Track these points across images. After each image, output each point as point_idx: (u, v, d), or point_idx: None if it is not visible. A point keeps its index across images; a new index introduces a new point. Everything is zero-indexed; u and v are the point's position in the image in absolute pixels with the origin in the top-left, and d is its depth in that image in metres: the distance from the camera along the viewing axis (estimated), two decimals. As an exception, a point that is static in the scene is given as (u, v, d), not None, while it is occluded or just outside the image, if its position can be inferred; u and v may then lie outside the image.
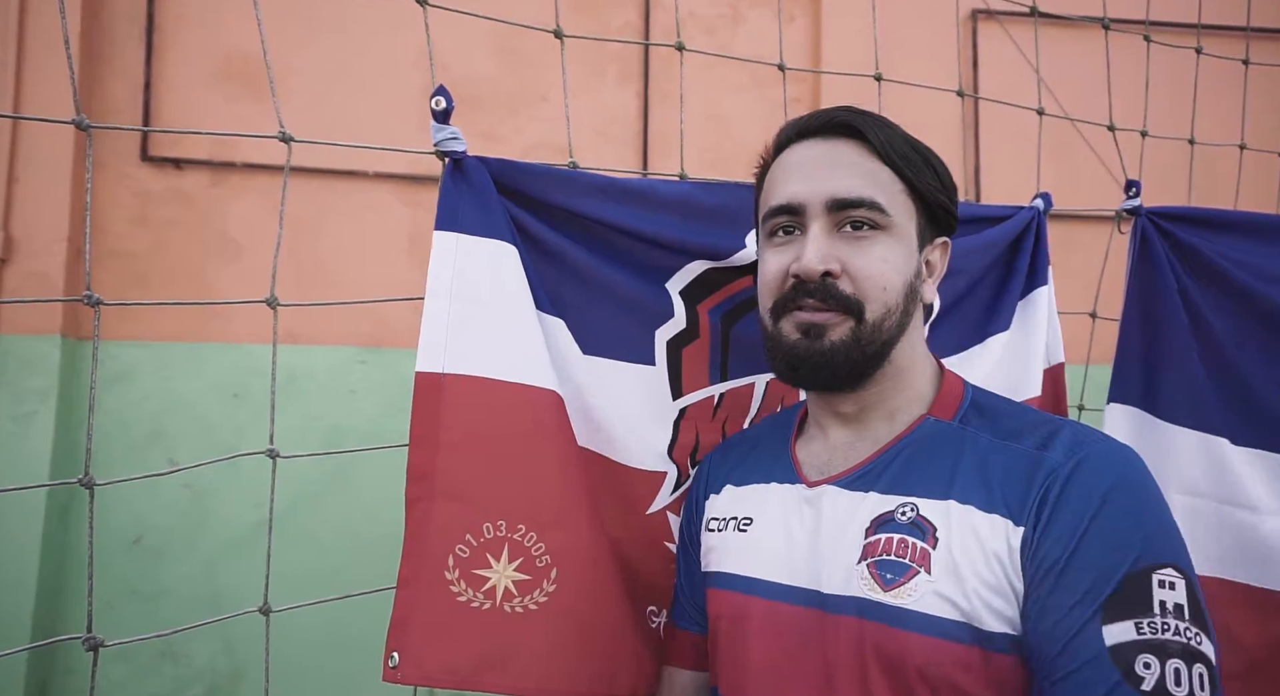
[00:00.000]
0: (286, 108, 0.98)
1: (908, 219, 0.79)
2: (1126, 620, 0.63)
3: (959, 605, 0.68)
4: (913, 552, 0.71)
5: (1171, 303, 1.23)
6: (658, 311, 1.02)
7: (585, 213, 0.97)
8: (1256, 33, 1.69)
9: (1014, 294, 1.19)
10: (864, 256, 0.76)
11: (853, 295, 0.76)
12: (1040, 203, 1.24)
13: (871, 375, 0.79)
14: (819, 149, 0.80)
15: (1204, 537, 1.19)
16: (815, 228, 0.77)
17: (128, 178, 2.35)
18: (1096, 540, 0.66)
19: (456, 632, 0.85)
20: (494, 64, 2.53)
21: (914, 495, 0.74)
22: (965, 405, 0.80)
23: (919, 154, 0.80)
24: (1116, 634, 0.63)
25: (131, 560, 2.23)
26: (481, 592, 0.86)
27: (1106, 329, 1.41)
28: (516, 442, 0.89)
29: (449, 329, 0.89)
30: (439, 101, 0.90)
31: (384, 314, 2.32)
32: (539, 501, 0.89)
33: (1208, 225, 1.27)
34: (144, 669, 2.19)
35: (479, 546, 0.87)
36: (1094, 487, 0.68)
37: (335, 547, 2.24)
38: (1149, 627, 0.63)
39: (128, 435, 2.26)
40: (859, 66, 1.39)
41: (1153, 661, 0.62)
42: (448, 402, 0.88)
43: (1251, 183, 1.69)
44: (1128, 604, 0.64)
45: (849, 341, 0.76)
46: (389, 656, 0.84)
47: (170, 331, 2.33)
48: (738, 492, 0.88)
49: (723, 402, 1.06)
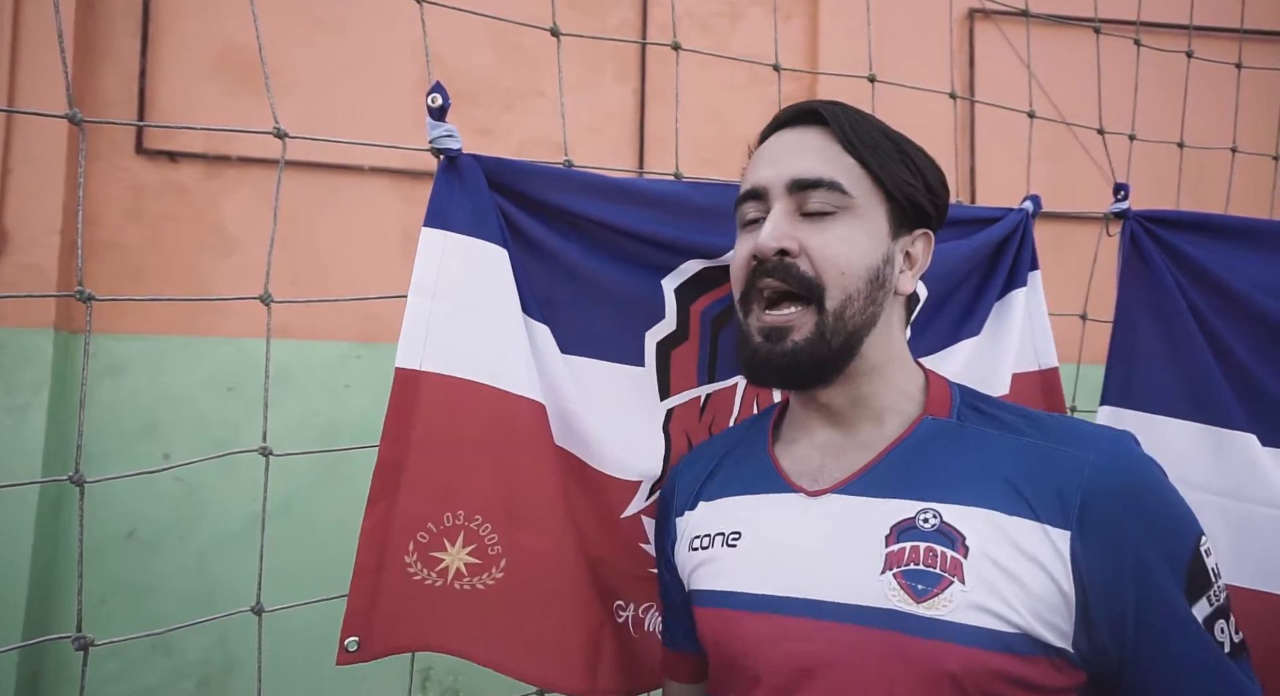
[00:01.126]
0: (281, 102, 0.98)
1: (874, 205, 0.78)
2: (1201, 598, 0.70)
3: (999, 614, 0.67)
4: (943, 562, 0.69)
5: (1175, 300, 1.22)
6: (649, 312, 1.02)
7: (579, 211, 0.97)
8: (1249, 34, 1.70)
9: (991, 296, 1.20)
10: (824, 238, 0.76)
11: (812, 276, 0.75)
12: (1029, 205, 1.24)
13: (841, 370, 0.78)
14: (788, 137, 0.81)
15: (1227, 539, 1.17)
16: (776, 208, 0.77)
17: (122, 170, 2.34)
18: (1155, 542, 0.69)
19: (409, 606, 0.89)
20: (489, 59, 2.53)
21: (932, 500, 0.72)
22: (957, 402, 0.80)
23: (892, 144, 0.80)
24: (1201, 612, 0.70)
25: (124, 553, 2.23)
26: (435, 572, 0.90)
27: (1096, 330, 1.42)
28: (484, 444, 0.91)
29: (429, 327, 0.90)
30: (435, 98, 0.90)
31: (378, 309, 2.32)
32: (500, 499, 0.91)
33: (1195, 229, 1.27)
34: (136, 662, 2.19)
35: (437, 533, 0.90)
36: (1128, 487, 0.70)
37: (331, 541, 2.24)
38: (1215, 596, 0.71)
39: (121, 428, 2.26)
40: (856, 65, 1.40)
41: (1224, 624, 0.71)
42: (423, 400, 0.89)
43: (1242, 185, 1.70)
44: (1198, 583, 0.70)
45: (813, 337, 0.75)
46: (345, 642, 0.87)
47: (164, 325, 2.33)
48: (715, 507, 0.85)
49: (709, 404, 1.06)
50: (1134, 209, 1.28)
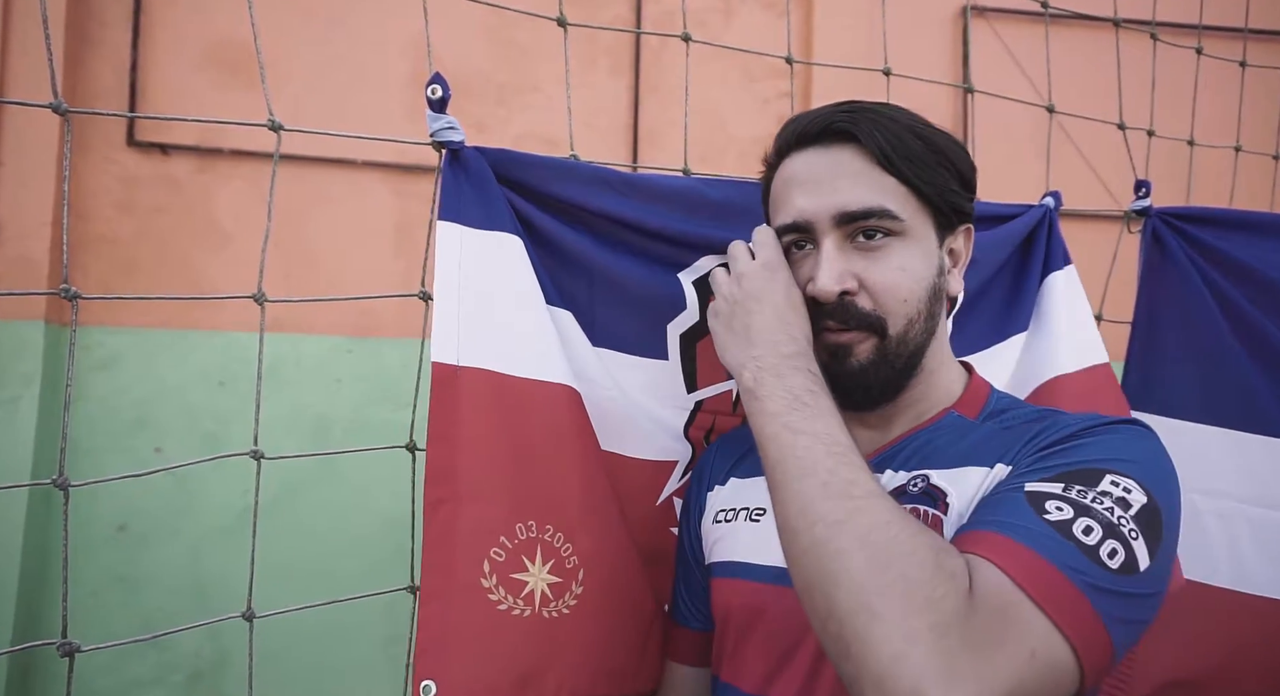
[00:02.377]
0: (274, 95, 0.97)
1: (922, 219, 0.77)
2: (1057, 483, 0.62)
3: None
4: (924, 519, 0.71)
5: (1202, 301, 1.19)
6: (669, 304, 0.98)
7: (588, 204, 0.94)
8: (1254, 34, 1.70)
9: (1032, 289, 1.18)
10: (881, 269, 0.75)
11: (873, 312, 0.75)
12: (1050, 201, 1.24)
13: (906, 385, 0.78)
14: (820, 159, 0.77)
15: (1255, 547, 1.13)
16: (827, 245, 0.75)
17: (113, 162, 2.33)
18: (1069, 446, 0.66)
19: (499, 644, 0.79)
20: (484, 53, 2.52)
21: (925, 468, 0.75)
22: (990, 406, 0.80)
23: (928, 146, 0.76)
24: (1039, 487, 0.62)
25: (115, 547, 2.22)
26: (521, 598, 0.80)
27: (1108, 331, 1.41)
28: (535, 440, 0.86)
29: (459, 321, 0.86)
30: (435, 90, 0.88)
31: (371, 303, 2.31)
32: (563, 501, 0.86)
33: (1220, 225, 1.23)
34: (127, 654, 2.18)
35: (514, 549, 0.81)
36: (1076, 420, 0.70)
37: (323, 536, 2.24)
38: (1078, 493, 0.61)
39: (112, 422, 2.25)
40: (849, 59, 1.40)
41: (1065, 507, 0.60)
42: (465, 397, 0.84)
43: (1244, 184, 1.71)
44: (1069, 479, 0.62)
45: (876, 359, 0.75)
46: (420, 687, 0.75)
47: (156, 318, 2.31)
48: (744, 484, 0.87)
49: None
50: (1155, 207, 1.27)
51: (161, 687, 2.21)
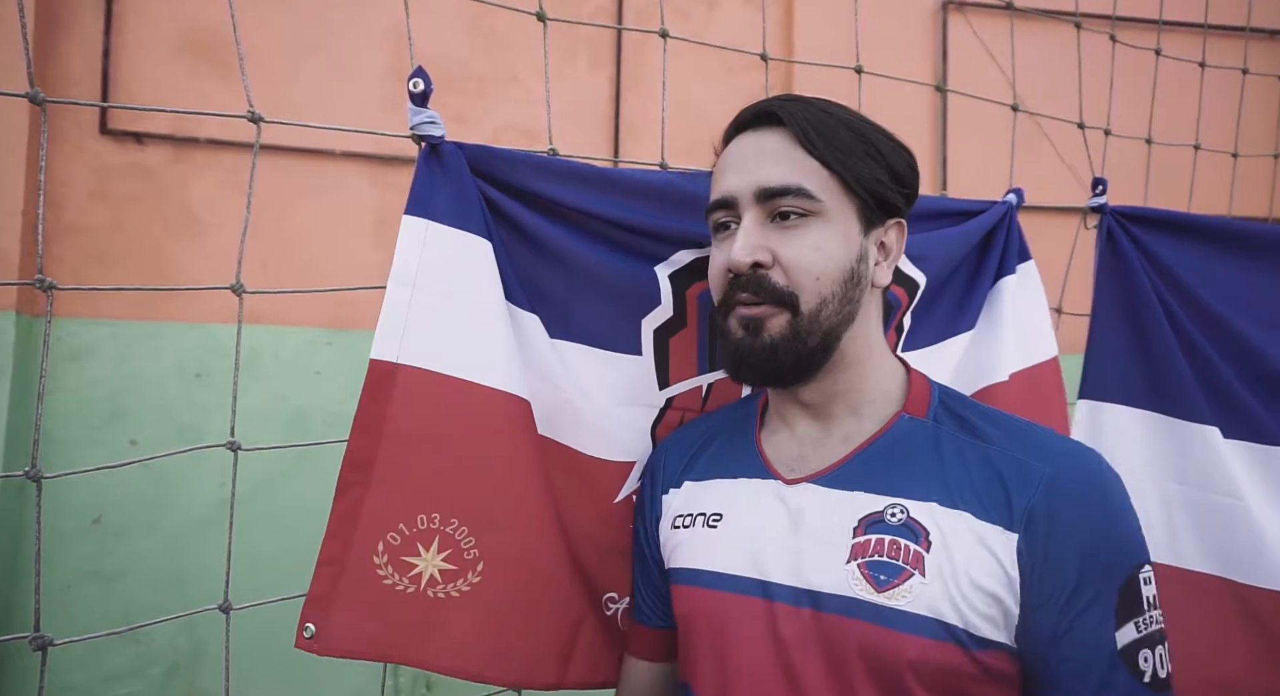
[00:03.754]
0: (255, 85, 0.97)
1: (843, 204, 0.78)
2: (1129, 622, 0.71)
3: (954, 607, 0.70)
4: (905, 555, 0.72)
5: (1147, 296, 1.25)
6: (645, 299, 0.99)
7: (565, 200, 0.95)
8: (1213, 30, 1.74)
9: (983, 287, 1.20)
10: (795, 245, 0.77)
11: (785, 286, 0.76)
12: (1013, 197, 1.26)
13: (820, 366, 0.79)
14: (750, 141, 0.81)
15: (1192, 528, 1.21)
16: (746, 219, 0.78)
17: (86, 151, 2.29)
18: (1093, 556, 0.71)
19: (377, 611, 0.86)
20: (464, 44, 2.51)
21: (901, 496, 0.75)
22: (935, 403, 0.81)
23: (855, 136, 0.79)
24: (1125, 636, 0.70)
25: (91, 540, 2.19)
26: (407, 578, 0.87)
27: (1069, 323, 1.44)
28: (463, 441, 0.89)
29: (408, 318, 0.87)
30: (417, 83, 0.88)
31: (350, 295, 2.29)
32: (477, 500, 0.89)
33: (1165, 227, 1.28)
34: (102, 648, 2.16)
35: (410, 536, 0.87)
36: (1077, 501, 0.72)
37: (301, 527, 2.22)
38: (1144, 623, 0.71)
39: (86, 415, 2.22)
40: (829, 55, 1.40)
41: (1148, 653, 0.71)
42: (398, 394, 0.87)
43: (1204, 181, 1.74)
44: (1128, 607, 0.71)
45: (787, 334, 0.76)
46: (303, 626, 0.85)
47: (130, 309, 2.28)
48: (700, 487, 0.87)
49: (712, 393, 1.04)
50: (1110, 204, 1.30)
51: (138, 681, 2.20)
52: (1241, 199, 1.87)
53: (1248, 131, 1.83)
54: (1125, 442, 1.24)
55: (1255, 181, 2.04)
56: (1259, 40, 2.41)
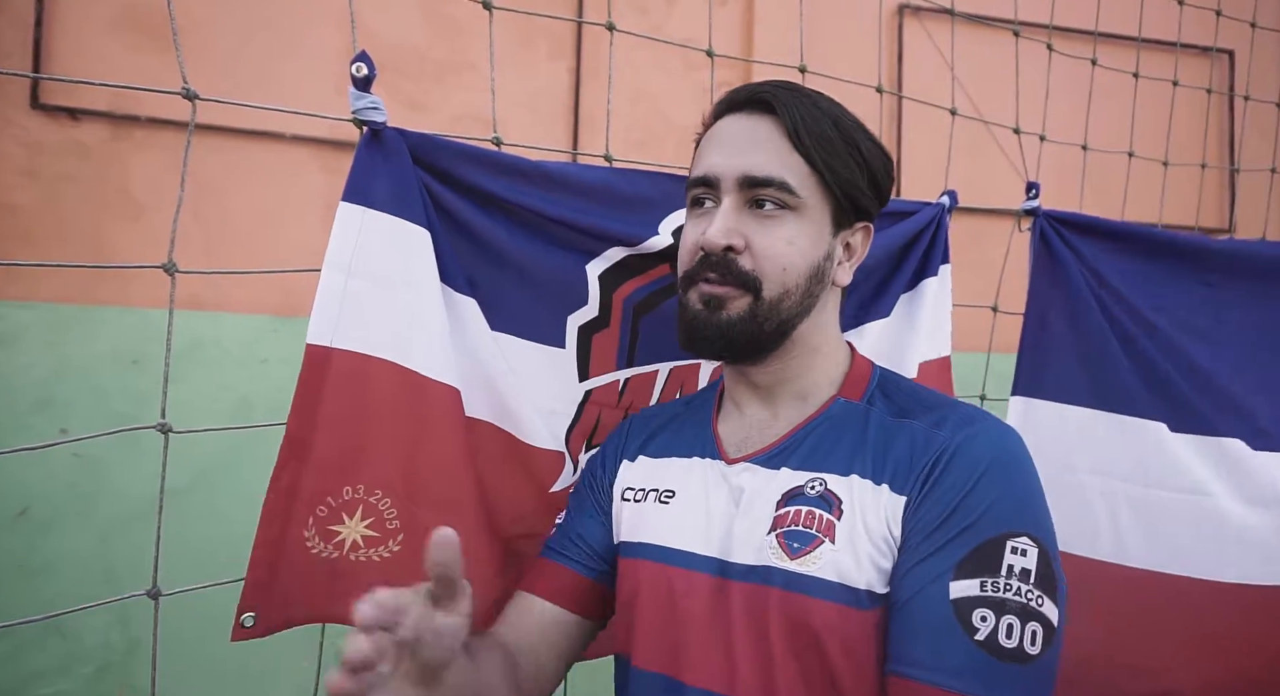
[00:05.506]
0: (198, 63, 0.94)
1: (820, 202, 0.81)
2: (974, 579, 0.70)
3: (860, 571, 0.73)
4: (819, 523, 0.75)
5: (1083, 295, 1.28)
6: (572, 297, 1.03)
7: (503, 195, 0.96)
8: (1146, 44, 1.80)
9: (900, 284, 1.24)
10: (768, 236, 0.79)
11: (751, 271, 0.79)
12: (946, 200, 1.29)
13: (772, 350, 0.82)
14: (741, 124, 0.82)
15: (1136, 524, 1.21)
16: (726, 202, 0.80)
17: (16, 126, 2.18)
18: (965, 510, 0.72)
19: (305, 580, 0.89)
20: (421, 29, 2.46)
21: (823, 471, 0.79)
22: (872, 386, 0.85)
23: (841, 135, 0.81)
24: (961, 589, 0.70)
25: (16, 533, 2.10)
26: (331, 545, 0.90)
27: (1005, 322, 1.49)
28: (391, 421, 0.91)
29: (342, 304, 0.88)
30: (360, 67, 0.88)
31: (296, 282, 2.24)
32: (402, 475, 0.92)
33: (1093, 233, 1.33)
34: (27, 645, 2.08)
35: (336, 507, 0.90)
36: (973, 463, 0.74)
37: (242, 519, 2.16)
38: (992, 586, 0.70)
39: (13, 402, 2.12)
40: (791, 52, 1.42)
41: (989, 615, 0.69)
42: (331, 377, 0.89)
43: (1137, 187, 1.81)
44: (978, 565, 0.70)
45: (745, 316, 0.79)
46: (241, 618, 0.87)
47: (61, 292, 2.19)
48: (655, 464, 0.90)
49: (628, 387, 1.09)
50: (1044, 208, 1.35)
51: (67, 679, 2.12)
52: (1170, 206, 1.94)
53: (1177, 142, 1.90)
54: (1061, 439, 1.27)
55: (1183, 190, 2.13)
56: (1189, 56, 2.51)
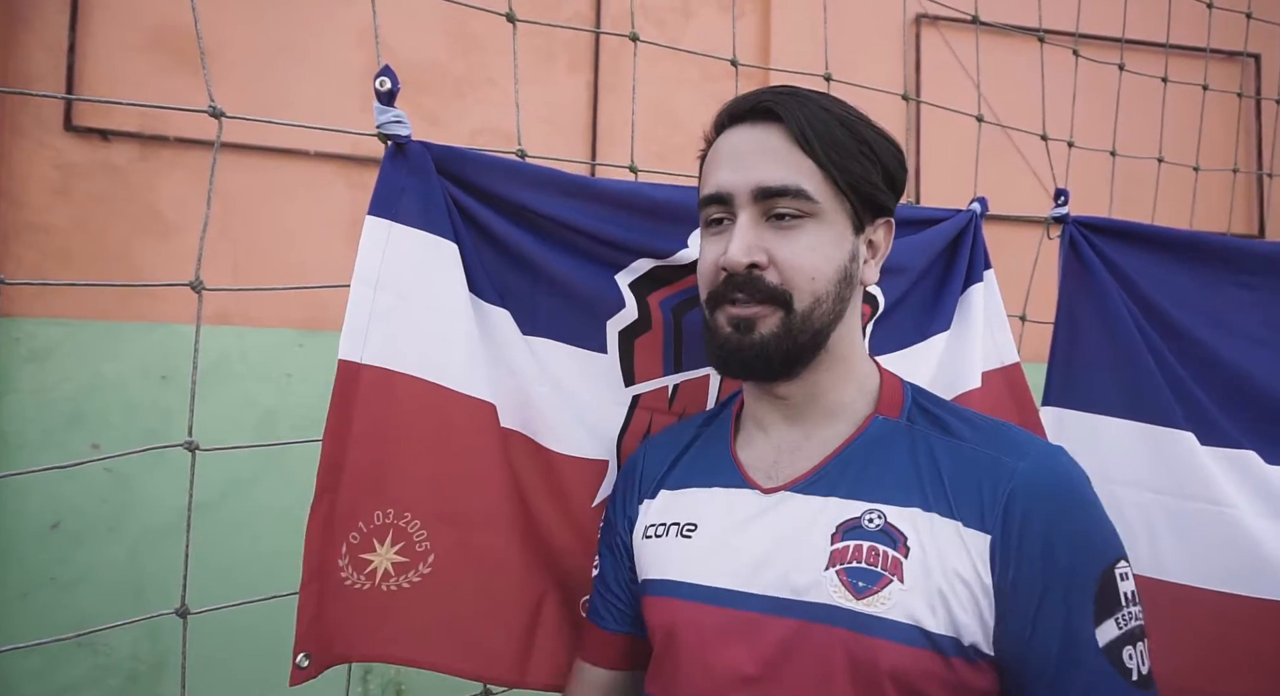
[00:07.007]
0: (224, 83, 0.95)
1: (837, 204, 0.78)
2: (1108, 619, 0.70)
3: (933, 614, 0.69)
4: (884, 561, 0.71)
5: (1115, 304, 1.26)
6: (608, 302, 1.00)
7: (530, 206, 0.95)
8: (1174, 50, 1.78)
9: (954, 293, 1.21)
10: (791, 246, 0.76)
11: (780, 286, 0.76)
12: (977, 206, 1.28)
13: (809, 362, 0.79)
14: (747, 135, 0.79)
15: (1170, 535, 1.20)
16: (743, 218, 0.77)
17: (49, 148, 2.24)
18: (1067, 552, 0.70)
19: (344, 614, 0.87)
20: (441, 46, 2.49)
21: (878, 501, 0.74)
22: (908, 402, 0.81)
23: (852, 136, 0.78)
24: (1105, 634, 0.69)
25: (49, 546, 2.14)
26: (364, 575, 0.87)
27: (1034, 331, 1.46)
28: (419, 439, 0.89)
29: (370, 319, 0.88)
30: (383, 82, 0.88)
31: (323, 296, 2.27)
32: (432, 495, 0.90)
33: (1123, 237, 1.31)
34: (58, 658, 2.10)
35: (367, 533, 0.88)
36: (1050, 496, 0.72)
37: (269, 534, 2.19)
38: (1124, 619, 0.70)
39: (45, 417, 2.17)
40: (806, 63, 1.42)
41: (1131, 650, 0.70)
42: (362, 395, 0.87)
43: (1166, 194, 1.78)
44: (1107, 604, 0.70)
45: (779, 333, 0.76)
46: (297, 659, 0.85)
47: (93, 309, 2.23)
48: (674, 497, 0.86)
49: (678, 394, 1.05)
50: (1072, 214, 1.32)
51: (96, 691, 2.14)
52: (1202, 212, 1.91)
53: (1208, 147, 1.87)
54: (1094, 451, 1.24)
55: (1212, 195, 2.09)
56: (1218, 61, 2.47)
